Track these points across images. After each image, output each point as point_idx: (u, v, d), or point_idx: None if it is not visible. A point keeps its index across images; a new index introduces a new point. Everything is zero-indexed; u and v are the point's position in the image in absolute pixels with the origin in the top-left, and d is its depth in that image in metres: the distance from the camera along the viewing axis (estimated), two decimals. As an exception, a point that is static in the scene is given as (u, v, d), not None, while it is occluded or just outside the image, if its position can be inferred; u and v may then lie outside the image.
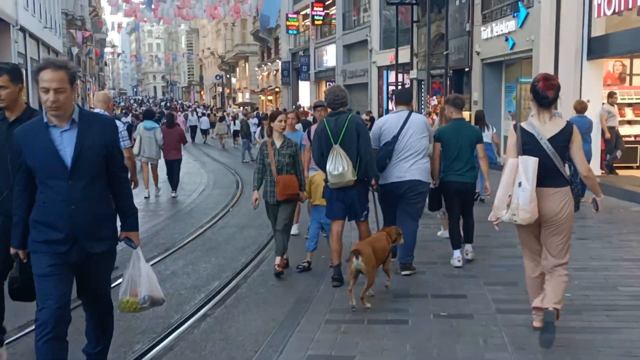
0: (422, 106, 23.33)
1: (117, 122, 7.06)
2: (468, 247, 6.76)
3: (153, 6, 29.51)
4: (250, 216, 10.07)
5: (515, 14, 16.14)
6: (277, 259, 6.51)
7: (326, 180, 5.84)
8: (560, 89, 4.41)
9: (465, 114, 19.62)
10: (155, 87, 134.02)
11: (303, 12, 38.39)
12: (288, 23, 38.95)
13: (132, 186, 7.82)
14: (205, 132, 32.94)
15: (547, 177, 4.28)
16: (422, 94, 23.61)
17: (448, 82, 21.08)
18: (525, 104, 16.47)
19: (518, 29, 16.16)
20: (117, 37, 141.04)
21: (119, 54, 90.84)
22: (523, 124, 4.45)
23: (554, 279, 4.41)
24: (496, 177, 12.21)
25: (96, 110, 7.10)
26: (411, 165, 6.07)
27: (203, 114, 37.45)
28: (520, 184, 4.22)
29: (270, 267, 6.75)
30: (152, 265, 7.01)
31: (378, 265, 5.43)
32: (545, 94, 4.35)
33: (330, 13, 34.75)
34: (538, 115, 4.43)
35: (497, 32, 17.45)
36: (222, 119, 30.56)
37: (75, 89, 3.52)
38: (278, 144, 6.48)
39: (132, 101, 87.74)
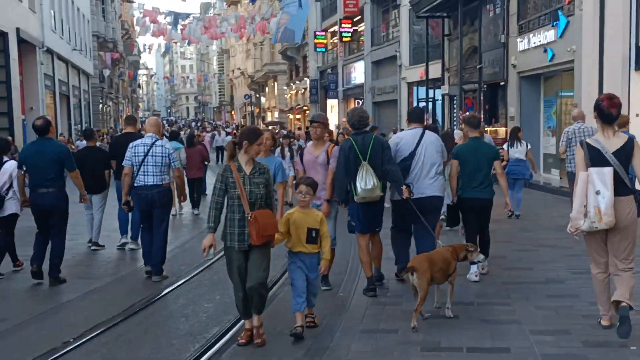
0: (455, 123, 22.31)
1: (167, 144, 7.46)
2: (481, 256, 6.34)
3: (180, 27, 29.25)
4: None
5: (555, 23, 15.12)
6: (255, 320, 4.96)
7: (352, 196, 6.07)
8: (622, 106, 4.81)
9: (501, 130, 18.63)
10: (187, 108, 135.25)
11: (331, 30, 37.82)
12: (316, 41, 38.37)
13: (181, 200, 8.25)
14: None
15: (614, 187, 4.63)
16: (455, 110, 22.61)
17: (482, 97, 20.06)
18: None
19: (558, 39, 15.13)
20: (152, 60, 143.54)
21: (151, 76, 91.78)
22: (589, 140, 4.82)
23: (622, 278, 4.76)
24: (530, 194, 11.18)
25: (148, 135, 7.36)
26: (431, 182, 6.27)
27: (228, 134, 37.22)
28: (598, 192, 4.58)
29: (280, 311, 5.76)
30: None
31: (443, 280, 5.40)
32: (610, 112, 4.73)
33: (359, 30, 34.07)
34: (602, 131, 4.79)
35: (534, 43, 16.43)
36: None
37: None
38: (247, 169, 4.91)
39: (164, 122, 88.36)
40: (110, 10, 44.53)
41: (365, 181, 6.00)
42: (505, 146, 11.14)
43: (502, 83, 18.81)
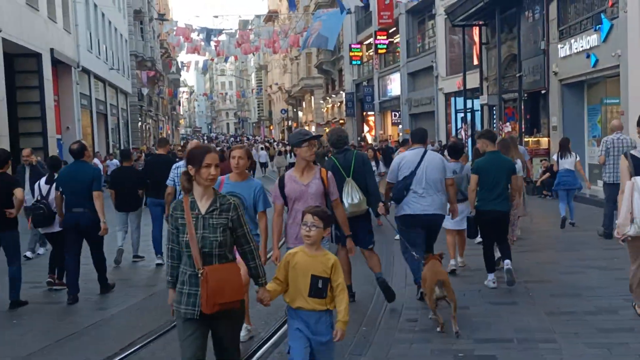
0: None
1: None
2: (507, 261, 6.78)
3: (214, 43, 29.25)
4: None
5: (598, 27, 14.32)
6: None
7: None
8: None
9: (544, 140, 17.80)
10: (228, 124, 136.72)
11: (366, 42, 37.39)
12: (351, 54, 37.99)
13: None
14: (264, 165, 33.02)
15: None
16: (494, 121, 21.81)
17: (522, 107, 19.25)
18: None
19: (601, 43, 14.32)
20: (192, 77, 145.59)
21: (191, 93, 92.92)
22: (633, 152, 5.15)
23: None
24: (576, 208, 11.14)
25: None
26: (431, 200, 6.48)
27: (261, 148, 37.26)
28: None
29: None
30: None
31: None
32: None
33: (395, 41, 33.54)
34: None
35: (576, 48, 15.62)
36: (280, 152, 29.85)
37: None
38: (203, 206, 3.56)
39: (204, 138, 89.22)
40: (149, 30, 45.13)
41: (352, 197, 6.25)
42: (555, 157, 11.22)
43: (543, 91, 18.00)
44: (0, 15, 15.83)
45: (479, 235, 7.27)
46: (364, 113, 39.34)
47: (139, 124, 43.33)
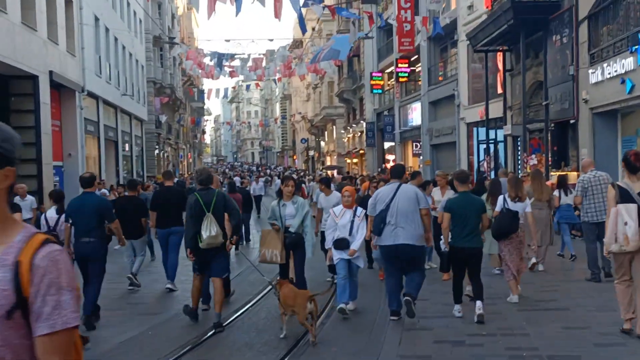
0: (519, 166, 19.95)
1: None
2: (479, 304, 7.12)
3: (227, 68, 28.38)
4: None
5: (634, 49, 12.87)
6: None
7: (200, 242, 7.12)
8: None
9: (572, 175, 16.16)
10: (252, 153, 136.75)
11: (388, 70, 36.26)
12: (372, 82, 36.89)
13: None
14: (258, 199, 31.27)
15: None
16: (519, 152, 20.27)
17: (549, 138, 17.72)
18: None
19: (638, 67, 12.84)
20: (218, 106, 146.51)
21: (214, 121, 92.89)
22: (619, 183, 6.11)
23: None
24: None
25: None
26: (403, 231, 7.02)
27: (277, 177, 36.07)
28: (626, 223, 5.77)
29: None
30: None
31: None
32: (635, 165, 5.99)
33: (416, 70, 32.33)
34: (629, 177, 6.04)
35: (610, 73, 14.15)
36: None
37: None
38: None
39: (226, 167, 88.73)
40: (169, 57, 44.60)
41: (210, 230, 7.03)
42: (556, 193, 11.35)
43: (572, 121, 16.49)
44: (-12, 34, 14.96)
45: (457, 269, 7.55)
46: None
47: (156, 151, 42.58)
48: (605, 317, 7.07)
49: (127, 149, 33.07)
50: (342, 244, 7.62)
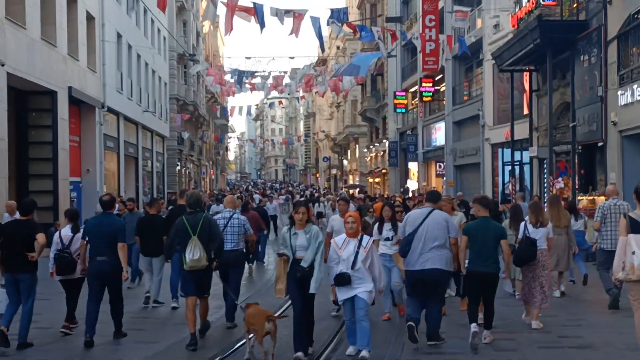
0: (545, 190, 19.29)
1: (242, 217, 9.00)
2: (486, 332, 7.30)
3: (249, 86, 28.26)
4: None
5: (666, 69, 12.30)
6: None
7: (184, 264, 7.37)
8: None
9: (600, 200, 15.48)
10: (276, 170, 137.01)
11: (412, 90, 35.85)
12: (396, 101, 36.47)
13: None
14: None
15: None
16: (544, 175, 19.62)
17: (576, 160, 17.09)
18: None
19: (670, 88, 12.26)
20: (243, 123, 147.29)
21: (238, 138, 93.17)
22: (630, 214, 6.26)
23: None
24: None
25: (226, 210, 8.95)
26: (428, 256, 7.01)
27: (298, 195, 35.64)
28: (634, 253, 5.93)
29: None
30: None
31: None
32: None
33: (441, 89, 31.87)
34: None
35: (640, 94, 13.57)
36: (310, 201, 27.93)
37: None
38: None
39: (249, 184, 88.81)
40: (193, 74, 44.72)
41: (193, 252, 7.27)
42: None
43: (600, 144, 15.87)
44: (5, 48, 14.90)
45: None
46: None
47: (177, 168, 42.57)
48: (636, 357, 6.53)
49: (148, 165, 33.07)
50: (342, 280, 6.64)
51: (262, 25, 16.03)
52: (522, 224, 8.40)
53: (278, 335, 6.82)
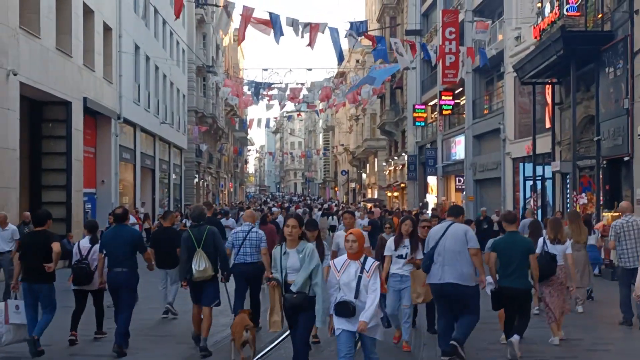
0: (567, 206, 18.69)
1: (260, 231, 9.11)
2: (515, 337, 7.21)
3: (265, 98, 28.06)
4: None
5: (697, 81, 11.76)
6: None
7: (191, 275, 7.63)
8: None
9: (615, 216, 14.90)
10: (295, 184, 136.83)
11: (431, 103, 35.40)
12: (415, 115, 36.03)
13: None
14: None
15: None
16: (567, 191, 19.03)
17: (600, 175, 16.51)
18: None
19: (701, 100, 11.71)
20: (262, 136, 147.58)
21: (257, 151, 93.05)
22: None
23: None
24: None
25: (245, 223, 9.09)
26: (449, 270, 6.95)
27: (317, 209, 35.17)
28: None
29: None
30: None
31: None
32: None
33: (461, 103, 31.37)
34: None
35: (668, 107, 13.02)
36: (324, 214, 27.48)
37: None
38: None
39: (268, 197, 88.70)
40: (211, 86, 44.73)
41: (199, 264, 7.50)
42: None
43: (626, 158, 15.29)
44: (19, 58, 14.78)
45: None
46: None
47: (195, 180, 42.47)
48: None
49: (164, 177, 32.96)
50: (344, 309, 5.48)
51: (279, 34, 15.75)
52: (541, 239, 8.51)
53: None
